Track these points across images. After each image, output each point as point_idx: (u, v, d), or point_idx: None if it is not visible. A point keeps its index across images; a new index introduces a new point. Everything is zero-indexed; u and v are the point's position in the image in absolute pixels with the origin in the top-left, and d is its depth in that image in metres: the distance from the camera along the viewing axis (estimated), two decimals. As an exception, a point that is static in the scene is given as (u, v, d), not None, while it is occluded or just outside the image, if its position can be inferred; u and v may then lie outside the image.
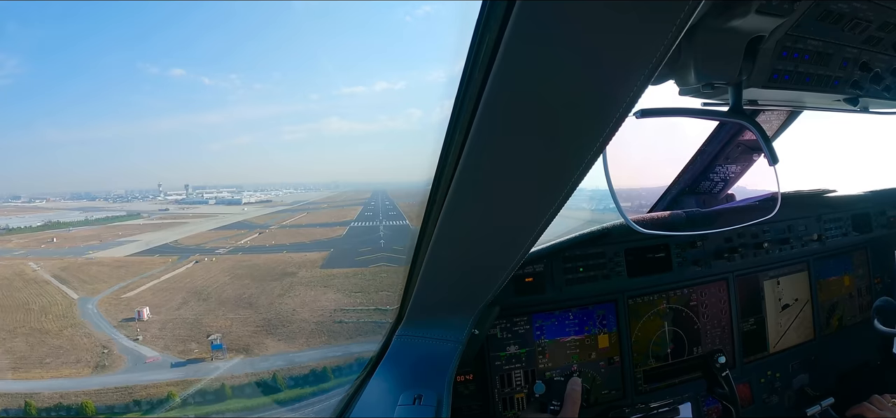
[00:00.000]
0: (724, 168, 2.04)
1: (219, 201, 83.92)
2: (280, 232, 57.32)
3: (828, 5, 0.95)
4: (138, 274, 39.01)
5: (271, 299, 33.73)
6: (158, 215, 71.56)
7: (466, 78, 0.75)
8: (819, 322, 2.23)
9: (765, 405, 2.07)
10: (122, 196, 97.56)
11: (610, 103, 0.69)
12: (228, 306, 32.80)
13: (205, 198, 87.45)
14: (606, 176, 0.97)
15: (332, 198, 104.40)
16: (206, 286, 35.87)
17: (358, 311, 32.35)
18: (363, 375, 1.52)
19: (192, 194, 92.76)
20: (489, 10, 0.64)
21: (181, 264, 41.20)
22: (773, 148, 1.21)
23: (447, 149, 0.91)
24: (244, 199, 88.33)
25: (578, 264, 1.80)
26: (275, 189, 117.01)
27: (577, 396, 1.41)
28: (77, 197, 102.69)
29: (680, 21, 0.56)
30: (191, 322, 30.97)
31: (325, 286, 35.91)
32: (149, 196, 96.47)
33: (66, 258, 44.77)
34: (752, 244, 2.02)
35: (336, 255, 44.07)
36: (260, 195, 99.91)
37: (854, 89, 1.18)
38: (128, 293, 35.19)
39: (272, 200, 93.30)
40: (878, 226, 2.34)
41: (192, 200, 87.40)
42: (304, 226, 60.11)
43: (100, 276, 38.79)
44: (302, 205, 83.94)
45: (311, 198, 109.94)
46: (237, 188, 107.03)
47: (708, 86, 0.97)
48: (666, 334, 1.94)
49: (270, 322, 31.21)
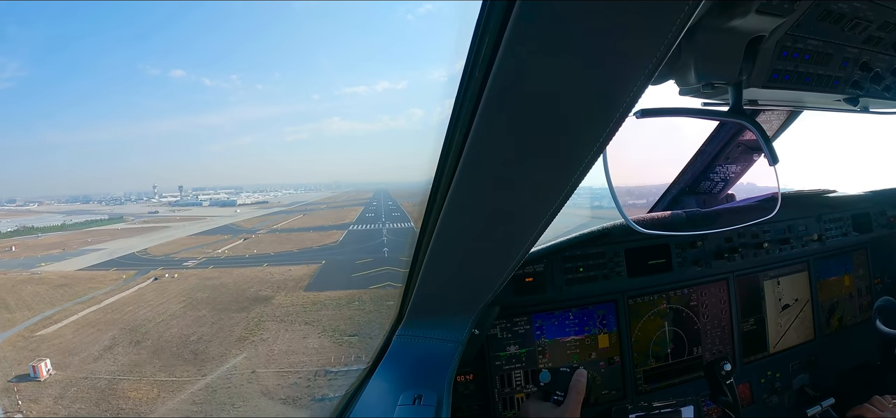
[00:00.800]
0: (724, 168, 2.04)
1: (213, 202, 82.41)
2: (267, 237, 52.20)
3: (828, 5, 0.95)
4: (77, 297, 31.08)
5: (226, 346, 23.52)
6: (143, 218, 69.23)
7: (467, 77, 0.75)
8: (819, 322, 2.23)
9: (765, 405, 2.07)
10: (118, 198, 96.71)
11: (610, 103, 0.69)
12: (164, 357, 22.97)
13: (199, 199, 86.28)
14: (606, 176, 0.97)
15: (331, 198, 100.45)
16: (150, 319, 26.90)
17: (350, 374, 18.94)
18: (363, 375, 1.52)
19: (188, 196, 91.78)
20: (489, 10, 0.64)
21: (134, 283, 34.02)
22: (773, 148, 1.20)
23: (447, 149, 0.91)
24: (239, 201, 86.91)
25: (578, 264, 1.80)
26: (275, 189, 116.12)
27: (581, 387, 1.37)
28: (74, 200, 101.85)
29: (680, 21, 0.56)
30: (102, 388, 20.86)
31: (306, 323, 25.25)
32: (145, 197, 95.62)
33: (10, 273, 38.07)
34: (752, 244, 2.02)
35: (327, 270, 34.97)
36: (257, 196, 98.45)
37: (854, 89, 1.18)
38: (46, 328, 26.37)
39: (269, 201, 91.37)
40: (879, 226, 2.34)
41: (186, 202, 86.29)
42: (296, 231, 54.64)
43: (29, 300, 30.81)
44: (300, 206, 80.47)
45: (311, 198, 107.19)
46: (236, 189, 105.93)
47: (708, 86, 0.97)
48: (666, 334, 1.94)
49: (213, 393, 19.93)
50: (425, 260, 1.23)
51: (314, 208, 76.95)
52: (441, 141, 0.92)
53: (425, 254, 1.21)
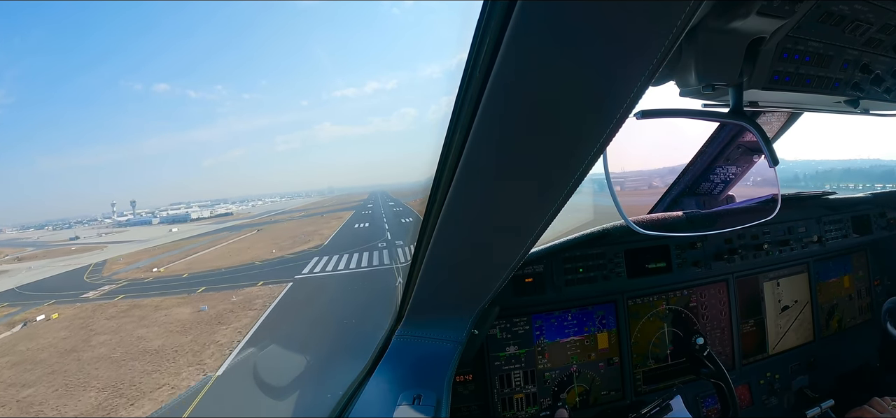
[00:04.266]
0: (724, 169, 2.04)
1: (164, 220, 76.70)
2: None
3: (829, 7, 0.95)
4: None
5: None
6: (78, 243, 62.00)
7: (467, 78, 0.75)
8: (819, 323, 2.23)
9: (764, 406, 2.07)
10: (64, 221, 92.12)
11: (611, 104, 0.69)
12: None
13: (147, 217, 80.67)
14: (607, 176, 0.97)
15: (314, 204, 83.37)
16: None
17: None
18: (362, 375, 1.52)
19: (142, 213, 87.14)
20: (490, 11, 0.65)
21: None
22: (773, 149, 1.20)
23: (447, 149, 0.91)
24: (193, 214, 79.19)
25: (578, 265, 1.80)
26: (256, 200, 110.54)
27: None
28: (42, 225, 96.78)
29: (681, 22, 0.56)
30: None
31: None
32: (99, 219, 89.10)
33: None
34: (751, 245, 2.03)
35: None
36: (223, 207, 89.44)
37: (854, 91, 1.18)
38: None
39: (233, 213, 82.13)
40: (878, 228, 2.34)
41: (136, 221, 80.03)
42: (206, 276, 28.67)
43: None
44: (267, 217, 65.13)
45: (295, 205, 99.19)
46: (217, 202, 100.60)
47: (708, 87, 0.97)
48: (665, 335, 1.94)
49: None
50: (425, 260, 1.23)
51: (290, 217, 56.74)
52: (440, 141, 0.92)
53: (425, 253, 1.22)
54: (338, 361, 2.82)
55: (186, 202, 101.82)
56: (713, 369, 1.74)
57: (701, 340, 1.78)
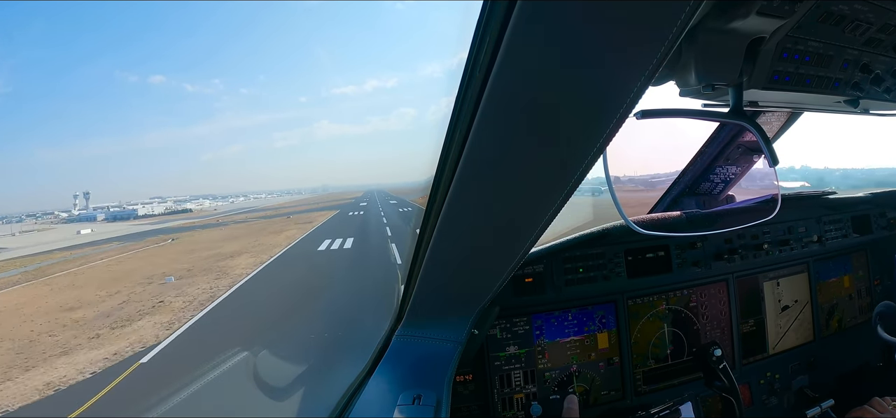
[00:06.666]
0: (724, 169, 2.04)
1: (108, 216, 71.83)
2: None
3: (828, 7, 0.95)
4: None
5: None
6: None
7: (467, 78, 0.75)
8: (819, 323, 2.23)
9: (764, 406, 2.07)
10: (9, 217, 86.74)
11: (611, 104, 0.69)
12: None
13: (92, 213, 76.28)
14: (606, 176, 0.97)
15: (292, 203, 76.45)
16: None
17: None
18: (362, 375, 1.52)
19: (88, 209, 78.72)
20: (490, 11, 0.64)
21: None
22: (773, 149, 1.20)
23: (447, 149, 0.91)
24: (140, 211, 73.00)
25: (578, 265, 1.80)
26: (245, 195, 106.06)
27: (573, 413, 1.42)
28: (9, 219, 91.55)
29: (681, 22, 0.56)
30: None
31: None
32: (52, 213, 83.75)
33: None
34: (751, 245, 2.03)
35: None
36: (190, 204, 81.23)
37: (854, 91, 1.18)
38: None
39: (193, 211, 75.04)
40: (878, 227, 2.34)
41: (83, 217, 74.42)
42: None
43: None
44: (227, 216, 56.27)
45: (281, 202, 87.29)
46: (199, 196, 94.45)
47: (708, 87, 0.97)
48: (666, 335, 1.94)
49: None
50: (425, 260, 1.23)
51: (227, 222, 45.38)
52: (440, 141, 0.92)
53: (425, 253, 1.21)
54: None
55: (159, 197, 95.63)
56: (726, 384, 1.68)
57: (719, 352, 1.69)
